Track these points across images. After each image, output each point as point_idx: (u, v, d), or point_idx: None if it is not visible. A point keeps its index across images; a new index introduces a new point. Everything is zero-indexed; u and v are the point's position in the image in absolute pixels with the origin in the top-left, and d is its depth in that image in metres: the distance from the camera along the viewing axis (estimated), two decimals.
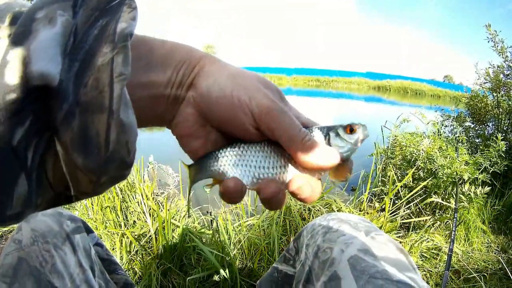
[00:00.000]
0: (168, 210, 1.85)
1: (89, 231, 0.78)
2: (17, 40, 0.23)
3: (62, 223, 0.70)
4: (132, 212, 1.98)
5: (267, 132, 0.34)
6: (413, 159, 2.36)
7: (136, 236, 1.76)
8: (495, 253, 1.97)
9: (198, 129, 0.37)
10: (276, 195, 0.35)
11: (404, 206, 2.15)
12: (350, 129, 0.36)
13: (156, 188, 2.31)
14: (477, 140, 2.79)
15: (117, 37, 0.25)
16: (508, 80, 2.64)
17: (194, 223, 1.93)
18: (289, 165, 0.36)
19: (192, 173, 0.40)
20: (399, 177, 2.50)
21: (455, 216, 1.84)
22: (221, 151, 0.38)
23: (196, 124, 0.37)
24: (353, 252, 0.56)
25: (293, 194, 0.36)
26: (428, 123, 2.85)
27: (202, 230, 1.81)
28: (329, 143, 0.36)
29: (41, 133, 0.25)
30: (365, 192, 2.22)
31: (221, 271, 1.45)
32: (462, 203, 2.07)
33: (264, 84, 0.36)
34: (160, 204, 2.15)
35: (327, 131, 0.36)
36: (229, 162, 0.37)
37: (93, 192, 0.28)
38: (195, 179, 0.40)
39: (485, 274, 1.71)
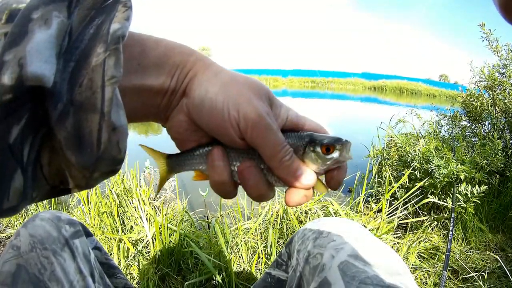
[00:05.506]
0: (165, 214, 1.85)
1: (88, 234, 0.78)
2: (13, 40, 0.23)
3: (60, 228, 0.69)
4: (129, 217, 1.97)
5: (251, 144, 0.35)
6: (409, 159, 2.36)
7: (133, 241, 1.76)
8: (493, 252, 1.96)
9: (191, 133, 0.38)
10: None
11: (401, 207, 2.15)
12: (326, 148, 0.36)
13: (152, 193, 2.30)
14: (473, 139, 2.79)
15: (110, 38, 0.25)
16: (503, 79, 2.63)
17: (191, 227, 1.92)
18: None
19: (170, 165, 0.41)
20: (396, 178, 2.50)
21: (452, 216, 1.84)
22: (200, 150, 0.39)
23: (189, 129, 0.37)
24: (343, 257, 0.56)
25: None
26: (424, 123, 2.84)
27: (199, 235, 1.81)
28: (303, 156, 0.37)
29: (37, 130, 0.26)
30: (361, 194, 2.22)
31: (218, 275, 1.44)
32: (459, 203, 2.07)
33: (255, 90, 0.36)
34: (156, 209, 2.15)
35: (307, 143, 0.37)
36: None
37: (86, 186, 0.29)
38: (172, 171, 0.41)
39: (483, 273, 1.71)
